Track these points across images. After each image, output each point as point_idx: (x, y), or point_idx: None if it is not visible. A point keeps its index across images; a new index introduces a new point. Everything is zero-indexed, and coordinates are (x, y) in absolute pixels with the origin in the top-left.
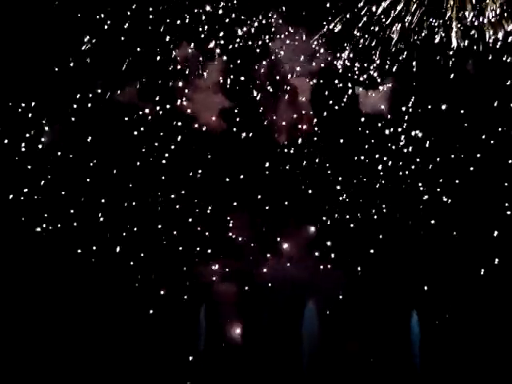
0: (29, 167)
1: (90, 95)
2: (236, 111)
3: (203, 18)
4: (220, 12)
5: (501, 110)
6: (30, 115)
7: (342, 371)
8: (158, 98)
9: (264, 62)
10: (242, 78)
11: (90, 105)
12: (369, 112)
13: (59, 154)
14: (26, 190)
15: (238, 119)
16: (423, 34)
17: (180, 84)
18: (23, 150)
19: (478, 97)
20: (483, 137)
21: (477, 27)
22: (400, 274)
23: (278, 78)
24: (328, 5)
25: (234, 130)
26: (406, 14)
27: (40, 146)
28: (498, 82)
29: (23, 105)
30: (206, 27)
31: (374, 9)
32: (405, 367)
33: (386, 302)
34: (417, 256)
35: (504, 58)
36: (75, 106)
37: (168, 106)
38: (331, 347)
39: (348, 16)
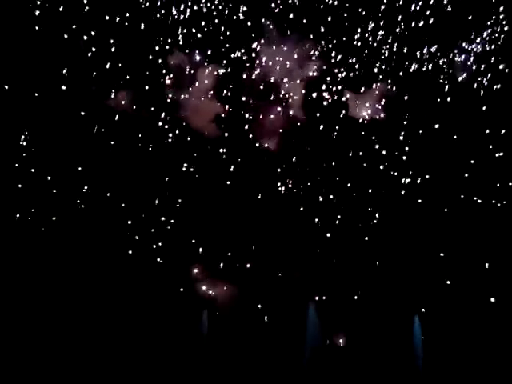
0: (20, 173)
1: (83, 101)
2: (229, 117)
3: (196, 25)
4: (213, 19)
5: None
6: (23, 120)
7: (344, 374)
8: (151, 105)
9: (257, 68)
10: (235, 85)
11: (82, 111)
12: (360, 117)
13: (53, 158)
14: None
15: (231, 125)
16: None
17: (173, 91)
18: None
19: (469, 102)
20: (475, 140)
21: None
22: (402, 278)
23: (270, 83)
24: (320, 12)
25: (228, 135)
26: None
27: (32, 151)
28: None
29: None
30: (198, 34)
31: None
32: (407, 369)
33: (389, 305)
34: (418, 260)
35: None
36: (68, 111)
37: (161, 113)
38: (334, 350)
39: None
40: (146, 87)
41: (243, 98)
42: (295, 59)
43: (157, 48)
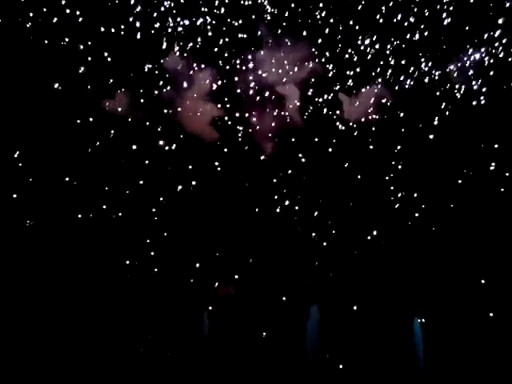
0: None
1: (80, 104)
2: (226, 120)
3: (192, 27)
4: (208, 22)
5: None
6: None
7: (345, 375)
8: (148, 107)
9: (252, 71)
10: (232, 87)
11: (79, 113)
12: (356, 121)
13: (46, 162)
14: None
15: (228, 128)
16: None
17: (170, 93)
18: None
19: (466, 110)
20: (472, 148)
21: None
22: (402, 279)
23: (265, 86)
24: (315, 14)
25: (225, 138)
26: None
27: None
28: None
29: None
30: (195, 37)
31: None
32: (409, 370)
33: (389, 306)
34: (418, 261)
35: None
36: (65, 113)
37: (158, 116)
38: (334, 351)
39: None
40: (143, 90)
41: (240, 102)
42: (292, 63)
43: (153, 51)
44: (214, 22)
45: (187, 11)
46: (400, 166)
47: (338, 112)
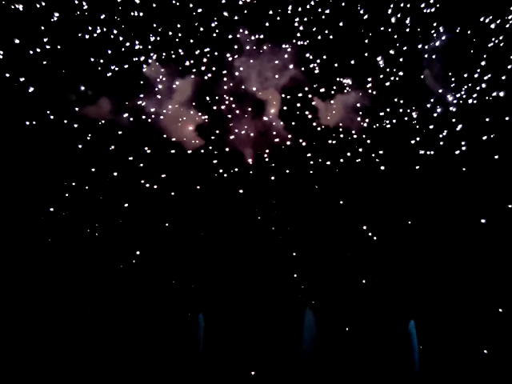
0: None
1: (60, 109)
2: (207, 127)
3: (172, 35)
4: (189, 28)
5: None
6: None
7: (341, 379)
8: (130, 116)
9: (232, 77)
10: (212, 94)
11: (59, 120)
12: (336, 126)
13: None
14: None
15: (209, 135)
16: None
17: (151, 102)
18: None
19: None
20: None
21: None
22: (397, 282)
23: (246, 92)
24: (295, 21)
25: (207, 145)
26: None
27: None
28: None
29: None
30: (175, 44)
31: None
32: (404, 374)
33: (384, 309)
34: (414, 264)
35: None
36: (44, 119)
37: (140, 124)
38: (330, 356)
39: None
40: (124, 99)
41: (220, 109)
42: (272, 69)
43: (134, 59)
44: (194, 29)
45: (167, 19)
46: (380, 170)
47: (318, 118)
